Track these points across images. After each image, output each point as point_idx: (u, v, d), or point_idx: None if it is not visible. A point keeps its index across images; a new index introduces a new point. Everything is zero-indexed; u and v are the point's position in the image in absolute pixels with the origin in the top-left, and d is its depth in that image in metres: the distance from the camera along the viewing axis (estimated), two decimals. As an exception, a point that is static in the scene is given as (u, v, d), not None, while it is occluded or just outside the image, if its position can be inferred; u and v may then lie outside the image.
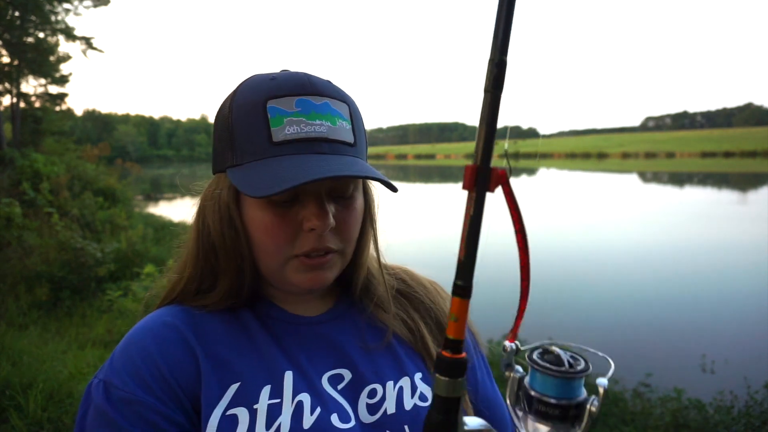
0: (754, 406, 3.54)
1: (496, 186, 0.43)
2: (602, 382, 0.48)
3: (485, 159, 0.42)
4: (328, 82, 0.69)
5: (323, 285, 0.70)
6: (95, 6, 16.54)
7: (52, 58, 16.53)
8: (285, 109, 0.64)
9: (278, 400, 0.65)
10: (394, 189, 0.67)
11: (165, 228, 11.25)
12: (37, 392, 3.22)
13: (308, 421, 0.64)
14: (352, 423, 0.67)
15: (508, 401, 0.50)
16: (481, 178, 0.41)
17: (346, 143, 0.67)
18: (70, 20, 17.68)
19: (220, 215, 0.69)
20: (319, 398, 0.67)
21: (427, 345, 0.77)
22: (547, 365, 0.49)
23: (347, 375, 0.71)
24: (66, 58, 17.03)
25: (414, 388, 0.72)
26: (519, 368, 0.50)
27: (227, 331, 0.70)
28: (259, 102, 0.65)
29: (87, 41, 16.92)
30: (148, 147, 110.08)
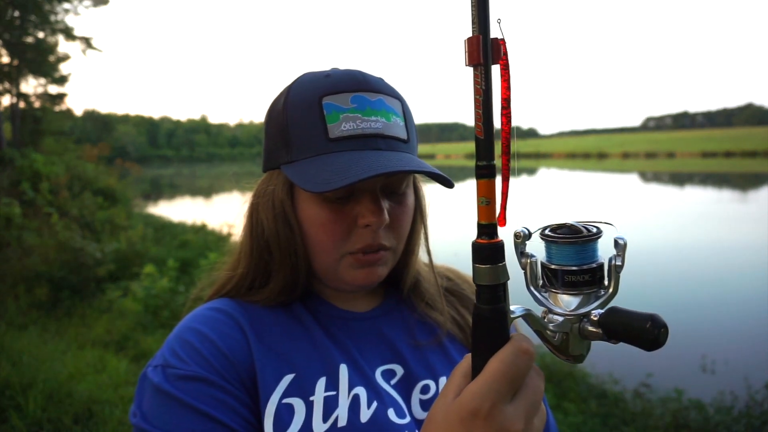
0: (755, 406, 3.53)
1: (498, 57, 0.41)
2: (620, 237, 0.47)
3: (484, 27, 0.40)
4: (381, 79, 0.70)
5: (375, 282, 0.70)
6: (95, 5, 16.54)
7: (51, 58, 16.52)
8: (341, 105, 0.64)
9: (334, 393, 0.65)
10: (450, 185, 0.67)
11: (165, 228, 11.26)
12: (37, 392, 3.21)
13: (365, 414, 0.64)
14: (407, 419, 0.66)
15: (530, 288, 0.49)
16: (487, 48, 0.40)
17: (400, 139, 0.67)
18: (70, 20, 17.67)
19: (274, 212, 0.69)
20: (375, 392, 0.67)
21: None
22: (565, 235, 0.47)
23: (399, 370, 0.71)
24: (65, 57, 17.03)
25: None
26: (531, 252, 0.49)
27: (280, 323, 0.70)
28: (314, 99, 0.65)
29: (86, 41, 16.92)
30: (147, 147, 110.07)
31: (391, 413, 0.65)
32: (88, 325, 5.15)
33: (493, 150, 0.41)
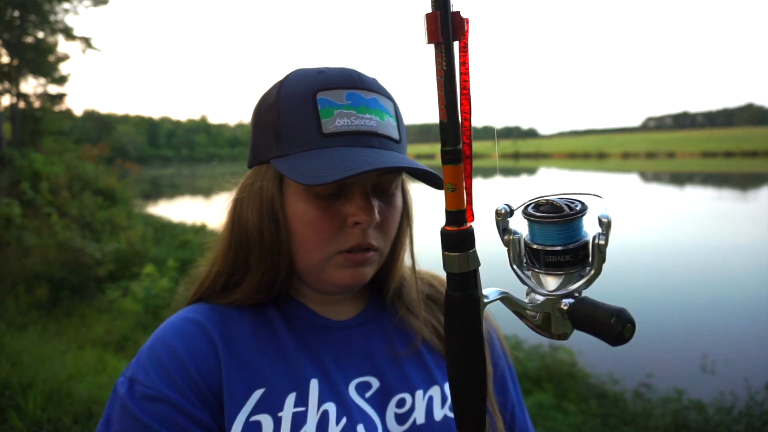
0: (755, 406, 3.53)
1: (462, 33, 0.39)
2: (604, 215, 0.45)
3: (444, 2, 0.38)
4: (375, 79, 0.69)
5: (361, 283, 0.68)
6: (95, 5, 16.53)
7: (51, 58, 16.52)
8: (335, 101, 0.63)
9: (303, 409, 0.64)
10: (441, 186, 0.66)
11: (165, 228, 11.26)
12: (37, 392, 3.21)
13: (334, 430, 0.63)
14: None
15: (513, 267, 0.48)
16: (447, 25, 0.38)
17: (393, 139, 0.67)
18: (69, 20, 17.64)
19: (260, 208, 0.67)
20: (345, 408, 0.66)
21: None
22: (546, 214, 0.46)
23: (375, 383, 0.70)
24: (65, 57, 17.02)
25: (444, 398, 0.71)
26: (515, 229, 0.48)
27: (254, 333, 0.69)
28: (308, 93, 0.64)
29: (86, 41, 16.91)
30: (147, 147, 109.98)
31: (360, 429, 0.65)
32: (88, 325, 5.15)
33: (459, 134, 0.40)
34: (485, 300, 0.45)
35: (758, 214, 16.04)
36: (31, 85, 20.44)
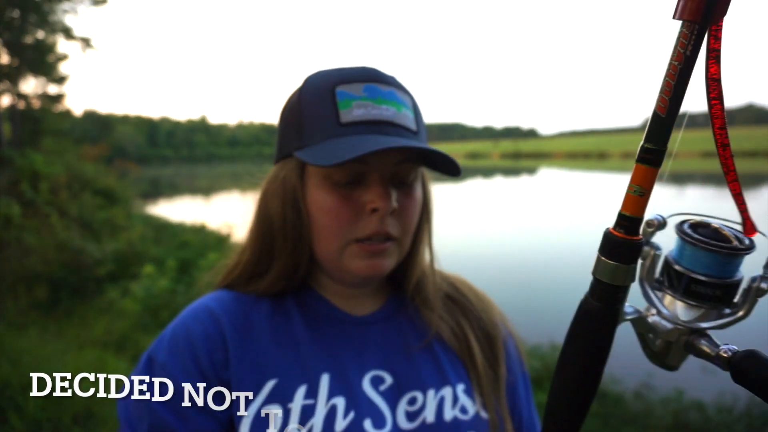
0: (755, 406, 3.53)
1: (722, 14, 0.32)
2: None
3: None
4: (393, 77, 0.71)
5: (381, 273, 0.69)
6: (94, 4, 16.51)
7: (50, 58, 16.51)
8: (353, 93, 0.66)
9: (312, 402, 0.65)
10: (457, 171, 0.68)
11: (164, 228, 11.25)
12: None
13: (340, 424, 0.65)
14: (388, 428, 0.67)
15: (643, 283, 0.43)
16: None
17: (409, 129, 0.68)
18: (69, 20, 17.63)
19: (283, 198, 0.70)
20: (355, 402, 0.67)
21: (473, 354, 0.75)
22: (709, 240, 0.40)
23: (389, 378, 0.71)
24: (64, 57, 17.00)
25: (455, 399, 0.72)
26: (658, 243, 0.43)
27: (271, 323, 0.71)
28: (327, 88, 0.67)
29: (85, 41, 16.90)
30: (147, 147, 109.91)
31: (367, 423, 0.66)
32: (87, 325, 5.15)
33: (669, 133, 0.35)
34: (625, 318, 0.40)
35: (758, 214, 16.03)
36: (30, 85, 20.46)
